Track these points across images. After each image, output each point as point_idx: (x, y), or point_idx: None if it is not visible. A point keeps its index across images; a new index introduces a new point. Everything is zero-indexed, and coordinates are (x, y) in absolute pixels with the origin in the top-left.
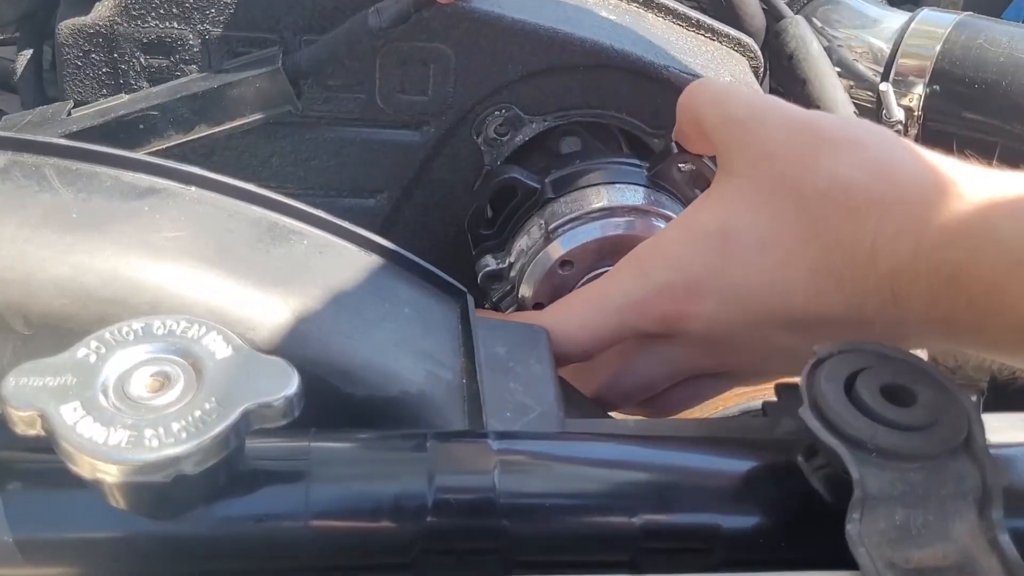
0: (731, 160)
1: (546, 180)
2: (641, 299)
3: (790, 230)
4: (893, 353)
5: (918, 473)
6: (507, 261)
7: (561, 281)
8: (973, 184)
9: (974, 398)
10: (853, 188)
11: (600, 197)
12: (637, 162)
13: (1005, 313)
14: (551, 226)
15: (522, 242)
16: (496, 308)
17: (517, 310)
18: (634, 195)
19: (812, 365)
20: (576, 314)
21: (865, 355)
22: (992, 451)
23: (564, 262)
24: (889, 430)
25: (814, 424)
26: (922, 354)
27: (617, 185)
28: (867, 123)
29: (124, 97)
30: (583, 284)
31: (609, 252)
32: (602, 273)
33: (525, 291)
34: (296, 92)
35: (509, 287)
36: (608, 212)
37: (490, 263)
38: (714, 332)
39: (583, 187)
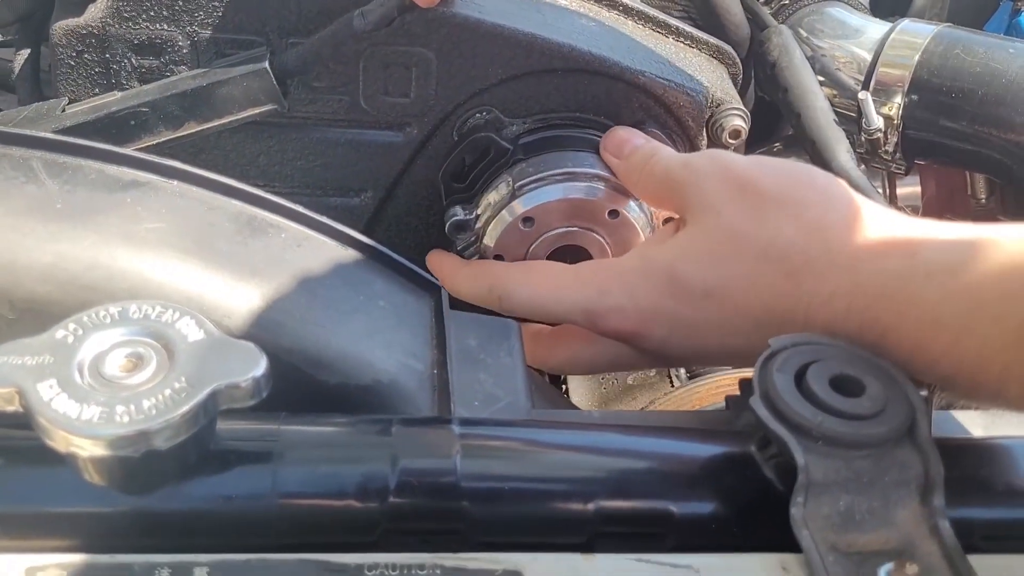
0: (682, 207)
1: (518, 142)
2: (596, 311)
3: (733, 282)
4: (846, 347)
5: (863, 461)
6: (474, 213)
7: (521, 236)
8: (900, 247)
9: (924, 392)
10: (791, 252)
11: (565, 161)
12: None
13: (932, 366)
14: (518, 184)
15: (490, 196)
16: (460, 255)
17: (479, 259)
18: (597, 163)
19: (765, 357)
20: (532, 286)
21: (818, 348)
22: (944, 442)
23: (526, 218)
24: (835, 419)
25: (763, 413)
26: None
27: (582, 153)
28: (808, 175)
29: (116, 94)
30: (541, 240)
31: (569, 213)
32: (560, 233)
33: (488, 241)
34: (282, 91)
35: (474, 237)
36: (571, 176)
37: (458, 213)
38: (663, 352)
39: (551, 151)
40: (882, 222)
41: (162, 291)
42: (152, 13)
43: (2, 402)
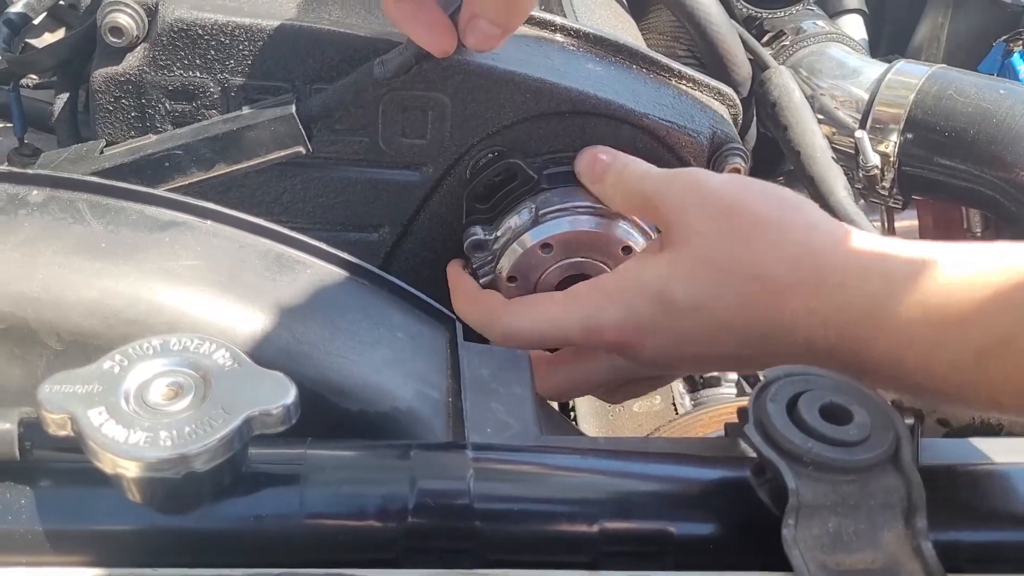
0: (664, 224)
1: (543, 172)
2: (596, 327)
3: (721, 300)
4: (836, 378)
5: (850, 485)
6: (494, 235)
7: (537, 261)
8: (878, 269)
9: (910, 420)
10: (776, 273)
11: (589, 196)
12: None
13: (905, 378)
14: (541, 211)
15: (512, 220)
16: (474, 275)
17: (491, 284)
18: None
19: (760, 387)
20: (531, 317)
21: (809, 379)
22: (930, 468)
23: (545, 245)
24: (824, 445)
25: (757, 440)
26: None
27: None
28: (790, 200)
29: (152, 137)
30: (555, 267)
31: (586, 245)
32: (574, 262)
33: (504, 263)
34: (307, 135)
35: (490, 257)
36: (592, 211)
37: (478, 232)
38: (658, 360)
39: (574, 185)
40: (861, 244)
41: (199, 324)
42: (186, 62)
43: (55, 427)
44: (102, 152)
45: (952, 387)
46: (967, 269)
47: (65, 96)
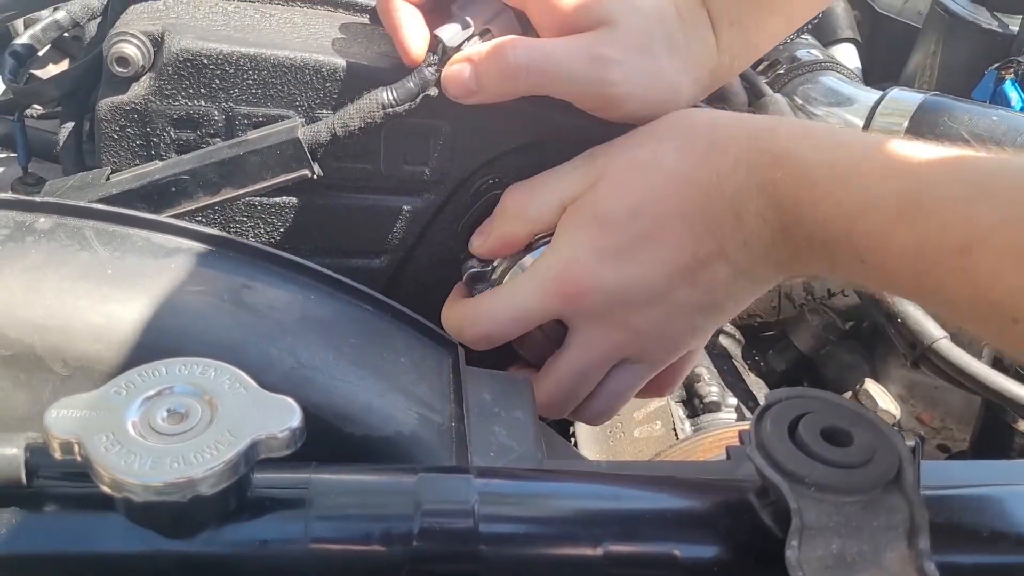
0: (592, 165)
1: None
2: (543, 284)
3: (653, 192)
4: (836, 400)
5: (853, 507)
6: (491, 266)
7: None
8: (795, 126)
9: (911, 442)
10: (716, 129)
11: None
12: None
13: (803, 220)
14: (536, 238)
15: None
16: None
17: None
18: None
19: (762, 409)
20: (495, 305)
21: (810, 401)
22: (933, 490)
23: None
24: (826, 467)
25: (759, 462)
26: None
27: None
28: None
29: (158, 163)
30: None
31: None
32: None
33: None
34: (313, 160)
35: (489, 288)
36: None
37: (475, 265)
38: (611, 306)
39: None
40: (784, 116)
41: (203, 350)
42: (191, 91)
43: (62, 452)
44: (108, 178)
45: (832, 238)
46: (873, 140)
47: (70, 125)
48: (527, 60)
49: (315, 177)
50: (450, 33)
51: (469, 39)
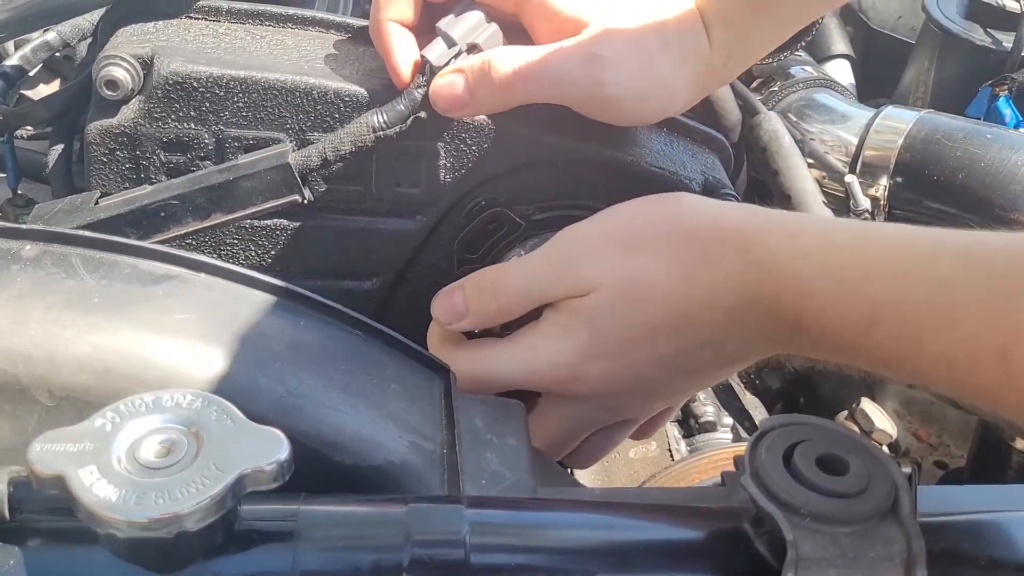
0: (576, 286)
1: (531, 219)
2: (535, 368)
3: (646, 284)
4: (831, 427)
5: (849, 537)
6: None
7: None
8: (783, 231)
9: (907, 469)
10: (694, 249)
11: None
12: None
13: (805, 332)
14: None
15: None
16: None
17: (486, 335)
18: None
19: (756, 438)
20: (476, 364)
21: (805, 428)
22: (928, 518)
23: None
24: (821, 497)
25: (754, 491)
26: None
27: None
28: (673, 201)
29: (147, 188)
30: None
31: None
32: None
33: None
34: (303, 184)
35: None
36: None
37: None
38: (607, 391)
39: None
40: (767, 214)
41: (191, 379)
42: (181, 114)
43: (46, 486)
44: (97, 203)
45: (841, 344)
46: (870, 236)
47: (60, 148)
48: (521, 67)
49: (306, 202)
50: (436, 52)
51: (456, 56)
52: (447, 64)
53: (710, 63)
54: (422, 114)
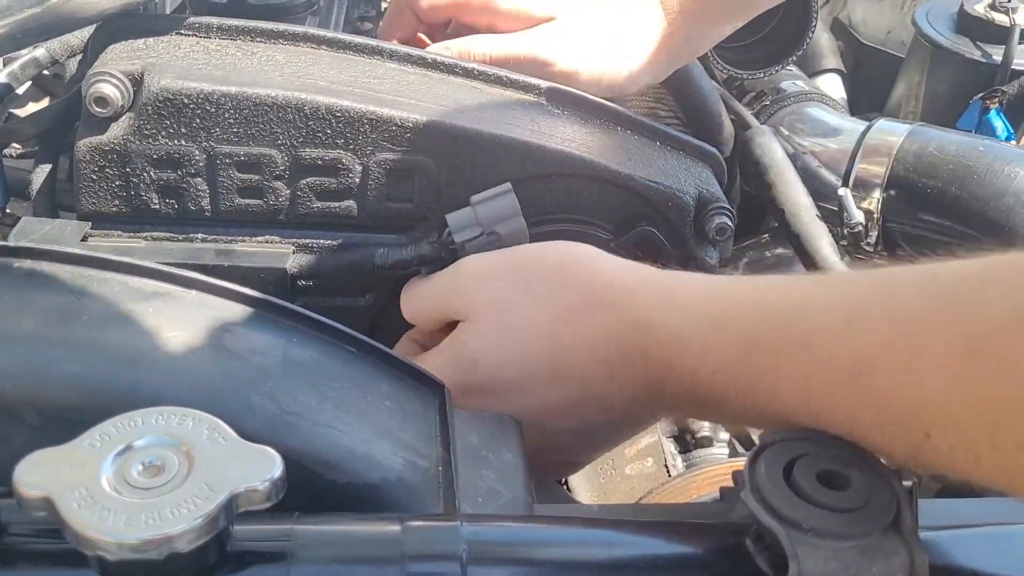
0: (464, 311)
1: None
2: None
3: (524, 340)
4: (831, 441)
5: (851, 551)
6: None
7: None
8: (658, 287)
9: (908, 483)
10: (570, 304)
11: None
12: (604, 232)
13: (680, 383)
14: None
15: None
16: None
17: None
18: None
19: (756, 452)
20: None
21: (804, 443)
22: (931, 531)
23: None
24: (823, 512)
25: (754, 506)
26: None
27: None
28: (566, 252)
29: (141, 243)
30: None
31: None
32: None
33: None
34: (293, 290)
35: None
36: None
37: None
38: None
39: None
40: (650, 272)
41: (181, 398)
42: (171, 131)
43: (33, 508)
44: (85, 238)
45: (712, 392)
46: (737, 286)
47: (45, 169)
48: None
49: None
50: (459, 225)
51: (475, 239)
52: (463, 244)
53: (671, 44)
54: (423, 270)
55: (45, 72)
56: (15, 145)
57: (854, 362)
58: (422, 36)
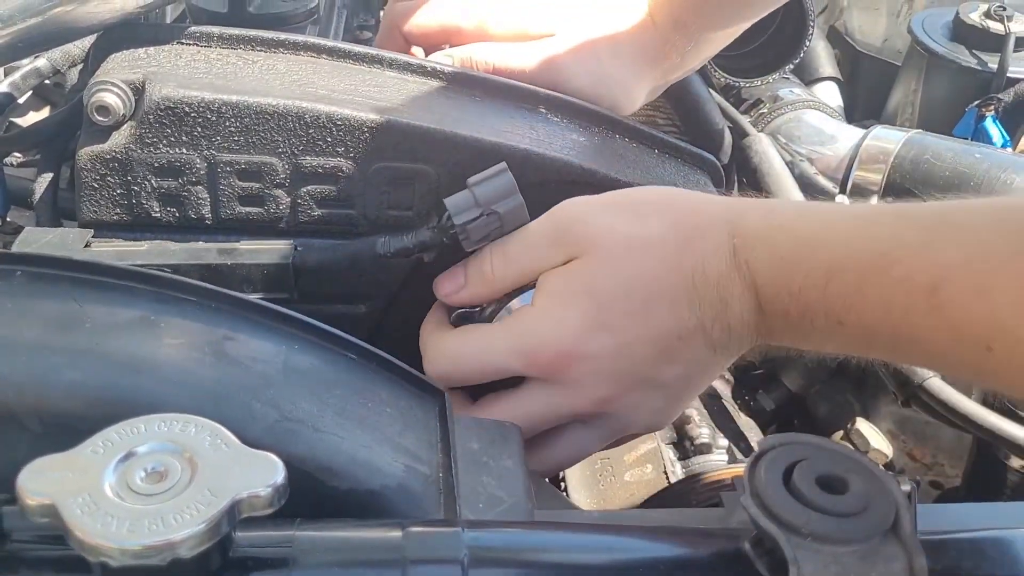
0: (573, 249)
1: None
2: (529, 349)
3: (642, 264)
4: (830, 446)
5: (851, 556)
6: (479, 306)
7: None
8: (759, 208)
9: (907, 487)
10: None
11: None
12: None
13: (783, 300)
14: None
15: None
16: None
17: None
18: None
19: (755, 457)
20: (469, 346)
21: (804, 447)
22: (930, 536)
23: None
24: (822, 516)
25: (754, 511)
26: None
27: None
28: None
29: (144, 245)
30: None
31: None
32: None
33: None
34: (296, 284)
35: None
36: None
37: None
38: (597, 382)
39: None
40: (746, 199)
41: (183, 404)
42: (172, 139)
43: (36, 515)
44: (88, 245)
45: (811, 302)
46: (827, 211)
47: (47, 177)
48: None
49: (294, 299)
50: (458, 208)
51: (475, 220)
52: (463, 226)
53: (667, 61)
54: (426, 257)
55: (47, 82)
56: (16, 154)
57: (931, 281)
58: (415, 53)
